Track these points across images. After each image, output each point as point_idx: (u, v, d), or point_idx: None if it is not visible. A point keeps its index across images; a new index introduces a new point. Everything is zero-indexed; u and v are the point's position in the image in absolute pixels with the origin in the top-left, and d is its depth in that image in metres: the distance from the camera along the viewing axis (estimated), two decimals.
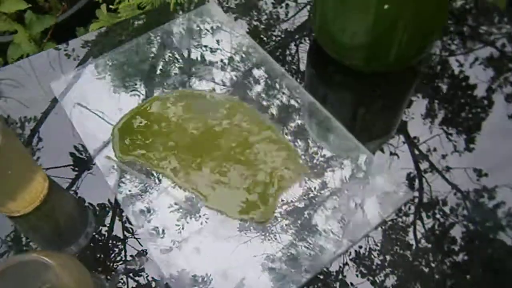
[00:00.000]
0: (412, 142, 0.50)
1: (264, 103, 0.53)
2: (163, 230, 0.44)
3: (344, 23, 0.50)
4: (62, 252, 0.38)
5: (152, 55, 0.58)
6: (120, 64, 0.57)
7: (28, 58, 0.61)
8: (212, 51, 0.57)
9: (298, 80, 0.55)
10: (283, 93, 0.53)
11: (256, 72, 0.55)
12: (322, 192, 0.46)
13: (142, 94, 0.54)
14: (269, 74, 0.55)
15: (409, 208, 0.45)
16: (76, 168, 0.50)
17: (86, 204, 0.48)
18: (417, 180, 0.47)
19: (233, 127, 0.50)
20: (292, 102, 0.53)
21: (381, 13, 0.45)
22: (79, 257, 0.45)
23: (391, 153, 0.49)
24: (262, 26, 0.62)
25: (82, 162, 0.50)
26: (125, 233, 0.46)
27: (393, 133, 0.51)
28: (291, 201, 0.45)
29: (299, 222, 0.44)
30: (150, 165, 0.48)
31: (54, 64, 0.58)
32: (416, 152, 0.49)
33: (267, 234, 0.43)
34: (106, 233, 0.46)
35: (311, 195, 0.45)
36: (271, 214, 0.44)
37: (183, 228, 0.44)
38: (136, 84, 0.55)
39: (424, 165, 0.48)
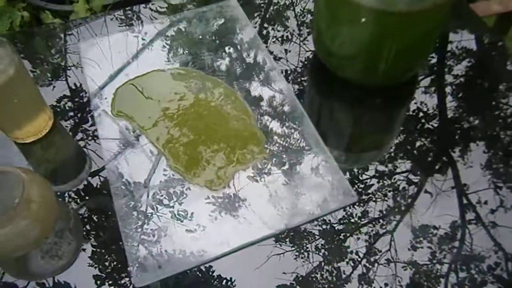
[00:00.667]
0: (462, 190, 0.50)
1: (249, 91, 0.58)
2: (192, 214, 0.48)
3: (335, 35, 0.53)
4: (34, 172, 0.44)
5: (185, 33, 0.64)
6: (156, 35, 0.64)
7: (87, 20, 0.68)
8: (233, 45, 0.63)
9: (289, 79, 0.60)
10: (269, 85, 0.58)
11: (255, 69, 0.60)
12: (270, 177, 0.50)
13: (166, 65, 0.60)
14: (267, 73, 0.60)
15: (445, 256, 0.46)
16: (81, 118, 0.58)
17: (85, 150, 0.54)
18: (460, 230, 0.47)
19: (217, 106, 0.55)
20: (275, 94, 0.57)
21: (363, 27, 0.49)
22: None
23: (436, 195, 0.49)
24: (270, 29, 0.67)
25: (83, 110, 0.57)
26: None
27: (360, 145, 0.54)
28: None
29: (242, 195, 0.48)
30: (137, 126, 0.54)
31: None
32: (464, 200, 0.49)
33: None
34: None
35: (260, 177, 0.50)
36: (226, 184, 0.49)
37: (215, 219, 0.47)
38: (163, 56, 0.61)
39: (469, 215, 0.48)
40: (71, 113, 0.58)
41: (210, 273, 0.45)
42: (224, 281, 0.45)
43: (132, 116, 0.55)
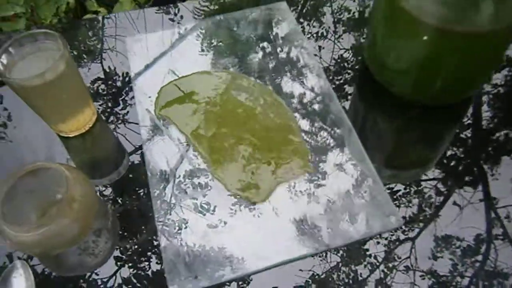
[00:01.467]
0: (490, 203, 0.48)
1: (295, 100, 0.56)
2: (214, 207, 0.48)
3: (391, 48, 0.51)
4: (78, 170, 0.45)
5: (235, 35, 0.63)
6: (206, 34, 0.63)
7: (130, 12, 0.68)
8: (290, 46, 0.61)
9: (338, 91, 0.58)
10: (316, 94, 0.56)
11: (302, 78, 0.59)
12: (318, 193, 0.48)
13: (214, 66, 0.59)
14: (316, 83, 0.58)
15: (466, 270, 0.44)
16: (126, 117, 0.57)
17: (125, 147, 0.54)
18: (485, 244, 0.46)
19: (260, 114, 0.54)
20: (320, 106, 0.55)
21: (421, 45, 0.46)
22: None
23: (460, 207, 0.48)
24: (320, 35, 0.64)
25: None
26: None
27: (412, 170, 0.51)
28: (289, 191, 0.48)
29: (290, 214, 0.47)
30: (181, 128, 0.53)
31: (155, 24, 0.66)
32: (493, 214, 0.47)
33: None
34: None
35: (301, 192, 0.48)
36: (265, 198, 0.47)
37: (235, 213, 0.47)
38: (229, 68, 0.60)
39: (496, 230, 0.46)
40: (105, 97, 0.58)
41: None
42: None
43: (174, 119, 0.54)
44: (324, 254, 0.45)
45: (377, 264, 0.45)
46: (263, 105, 0.55)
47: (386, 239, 0.46)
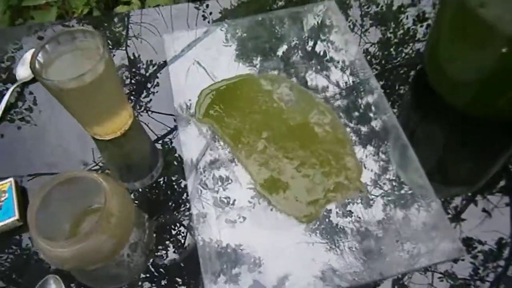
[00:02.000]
0: None
1: (350, 115, 0.52)
2: (234, 201, 0.46)
3: (457, 56, 0.47)
4: (115, 181, 0.42)
5: (279, 35, 0.59)
6: (244, 34, 0.59)
7: (169, 7, 0.65)
8: (337, 50, 0.57)
9: (393, 103, 0.53)
10: (372, 111, 0.52)
11: (355, 87, 0.54)
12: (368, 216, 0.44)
13: (256, 69, 0.56)
14: (366, 92, 0.54)
15: (488, 275, 0.42)
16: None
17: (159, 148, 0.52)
18: (508, 249, 0.43)
19: (315, 128, 0.50)
20: (376, 123, 0.51)
21: (497, 56, 0.41)
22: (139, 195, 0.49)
23: (484, 210, 0.45)
24: (376, 40, 0.60)
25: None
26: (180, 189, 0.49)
27: (472, 190, 0.47)
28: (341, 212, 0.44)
29: (331, 236, 0.43)
30: (221, 135, 0.50)
31: (190, 19, 0.63)
32: None
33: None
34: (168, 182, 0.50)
35: (358, 215, 0.44)
36: (315, 217, 0.44)
37: (253, 207, 0.45)
38: (253, 58, 0.57)
39: None
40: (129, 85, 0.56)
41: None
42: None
43: (216, 124, 0.51)
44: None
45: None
46: (313, 115, 0.51)
47: None
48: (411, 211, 0.44)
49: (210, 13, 0.64)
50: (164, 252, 0.45)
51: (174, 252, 0.45)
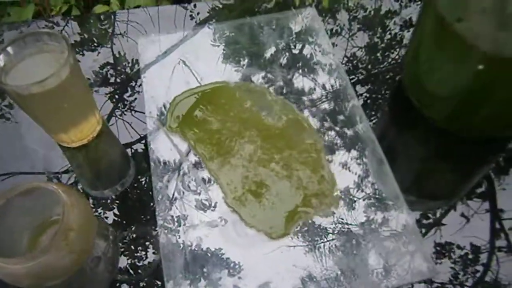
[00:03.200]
0: (496, 214, 0.45)
1: (323, 122, 0.51)
2: (215, 204, 0.45)
3: (434, 69, 0.46)
4: (77, 191, 0.40)
5: (266, 39, 0.58)
6: (231, 37, 0.58)
7: (157, 8, 0.64)
8: (324, 53, 0.57)
9: (370, 112, 0.52)
10: (346, 118, 0.51)
11: (332, 95, 0.53)
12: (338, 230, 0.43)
13: (243, 72, 0.55)
14: (342, 97, 0.53)
15: (466, 280, 0.42)
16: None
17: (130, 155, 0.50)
18: (486, 254, 0.43)
19: (283, 134, 0.48)
20: (350, 132, 0.50)
21: (473, 73, 0.41)
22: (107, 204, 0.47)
23: (463, 215, 0.45)
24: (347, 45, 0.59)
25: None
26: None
27: (446, 205, 0.47)
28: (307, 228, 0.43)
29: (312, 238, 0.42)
30: (193, 147, 0.48)
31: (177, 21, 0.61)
32: (497, 225, 0.45)
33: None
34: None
35: (328, 229, 0.43)
36: (287, 233, 0.42)
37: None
38: (240, 61, 0.56)
39: (500, 242, 0.44)
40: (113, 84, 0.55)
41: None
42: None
43: (187, 133, 0.49)
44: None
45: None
46: (287, 124, 0.49)
47: None
48: (384, 227, 0.43)
49: (198, 13, 0.62)
50: (131, 264, 0.43)
51: (142, 261, 0.43)
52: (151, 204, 0.46)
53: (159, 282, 0.42)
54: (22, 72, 0.42)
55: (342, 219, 0.43)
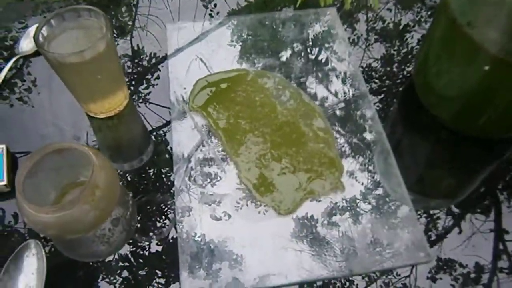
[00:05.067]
0: (500, 234, 0.46)
1: (335, 112, 0.54)
2: (221, 199, 0.47)
3: (444, 71, 0.48)
4: (104, 157, 0.43)
5: (284, 37, 0.61)
6: (250, 34, 0.61)
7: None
8: (339, 60, 0.59)
9: (379, 109, 0.55)
10: (355, 110, 0.54)
11: (344, 90, 0.56)
12: (345, 214, 0.46)
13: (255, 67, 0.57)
14: (355, 90, 0.56)
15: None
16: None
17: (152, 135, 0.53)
18: (487, 275, 0.44)
19: (296, 121, 0.51)
20: (360, 121, 0.53)
21: (481, 74, 0.43)
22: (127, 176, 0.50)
23: (472, 234, 0.46)
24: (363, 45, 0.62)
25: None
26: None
27: (451, 204, 0.49)
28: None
29: (312, 232, 0.45)
30: (212, 125, 0.52)
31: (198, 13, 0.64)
32: (501, 246, 0.46)
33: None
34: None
35: (333, 211, 0.46)
36: (293, 211, 0.45)
37: (241, 208, 0.46)
38: (255, 61, 0.58)
39: (502, 263, 0.45)
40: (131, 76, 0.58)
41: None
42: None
43: (208, 114, 0.53)
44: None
45: (375, 278, 0.43)
46: (301, 112, 0.52)
47: None
48: (385, 213, 0.46)
49: (217, 13, 0.66)
50: (145, 233, 0.46)
51: (155, 237, 0.46)
52: (170, 174, 0.49)
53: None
54: (62, 43, 0.46)
55: (346, 232, 0.45)
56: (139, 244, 0.46)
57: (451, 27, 0.44)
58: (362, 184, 0.48)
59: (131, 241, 0.46)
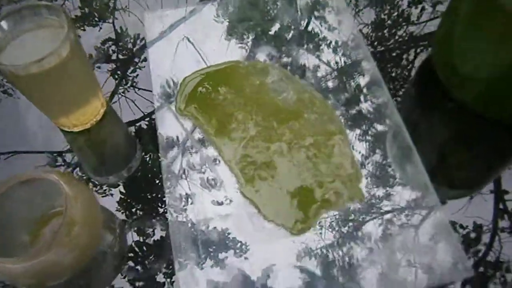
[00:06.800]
0: (500, 194, 0.43)
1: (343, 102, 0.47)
2: (221, 183, 0.42)
3: (472, 49, 0.42)
4: (80, 182, 0.37)
5: (272, 14, 0.55)
6: (234, 13, 0.55)
7: None
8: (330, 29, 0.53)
9: (394, 93, 0.49)
10: (370, 101, 0.47)
11: (354, 79, 0.49)
12: (368, 228, 0.40)
13: (247, 49, 0.51)
14: (366, 79, 0.49)
15: (468, 259, 0.40)
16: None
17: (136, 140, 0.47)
18: (489, 234, 0.41)
19: (302, 119, 0.44)
20: (375, 115, 0.46)
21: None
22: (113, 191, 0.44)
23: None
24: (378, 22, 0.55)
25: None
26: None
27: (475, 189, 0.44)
28: (333, 223, 0.40)
29: (335, 252, 0.38)
30: (204, 130, 0.45)
31: None
32: (501, 206, 0.43)
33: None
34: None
35: (355, 225, 0.39)
36: (307, 228, 0.39)
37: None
38: (244, 37, 0.52)
39: (503, 223, 0.42)
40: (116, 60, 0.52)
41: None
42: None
43: (200, 117, 0.45)
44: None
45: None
46: (306, 107, 0.45)
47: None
48: (413, 223, 0.40)
49: None
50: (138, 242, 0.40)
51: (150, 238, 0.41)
52: (158, 182, 0.43)
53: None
54: (18, 49, 0.38)
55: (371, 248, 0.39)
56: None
57: None
58: (383, 188, 0.41)
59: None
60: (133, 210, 0.42)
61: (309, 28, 0.53)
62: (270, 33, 0.52)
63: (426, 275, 0.37)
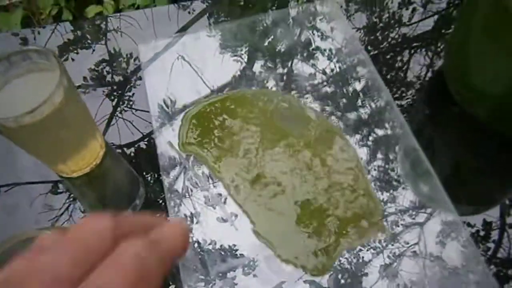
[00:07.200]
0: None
1: (358, 129, 0.44)
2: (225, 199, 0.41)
3: (484, 61, 0.39)
4: None
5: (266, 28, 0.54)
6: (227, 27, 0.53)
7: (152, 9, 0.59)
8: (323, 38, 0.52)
9: (403, 109, 0.46)
10: (379, 119, 0.45)
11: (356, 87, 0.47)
12: (394, 263, 0.37)
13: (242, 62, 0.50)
14: (372, 96, 0.46)
15: None
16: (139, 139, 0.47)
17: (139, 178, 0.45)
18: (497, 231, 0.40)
19: (316, 151, 0.42)
20: (387, 134, 0.44)
21: None
22: None
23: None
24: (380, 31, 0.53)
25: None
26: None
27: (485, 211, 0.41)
28: (354, 259, 0.37)
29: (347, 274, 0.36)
30: (210, 167, 0.42)
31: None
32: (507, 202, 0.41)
33: None
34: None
35: (381, 262, 0.37)
36: (329, 267, 0.36)
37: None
38: (238, 50, 0.51)
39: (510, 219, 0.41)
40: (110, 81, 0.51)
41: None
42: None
43: (203, 154, 0.43)
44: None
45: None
46: (319, 138, 0.43)
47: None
48: (439, 252, 0.37)
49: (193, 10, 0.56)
50: None
51: None
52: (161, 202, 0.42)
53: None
54: (8, 97, 0.36)
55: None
56: None
57: (494, 7, 0.34)
58: (404, 220, 0.39)
59: None
60: None
61: (303, 38, 0.52)
62: (264, 44, 0.51)
63: None
